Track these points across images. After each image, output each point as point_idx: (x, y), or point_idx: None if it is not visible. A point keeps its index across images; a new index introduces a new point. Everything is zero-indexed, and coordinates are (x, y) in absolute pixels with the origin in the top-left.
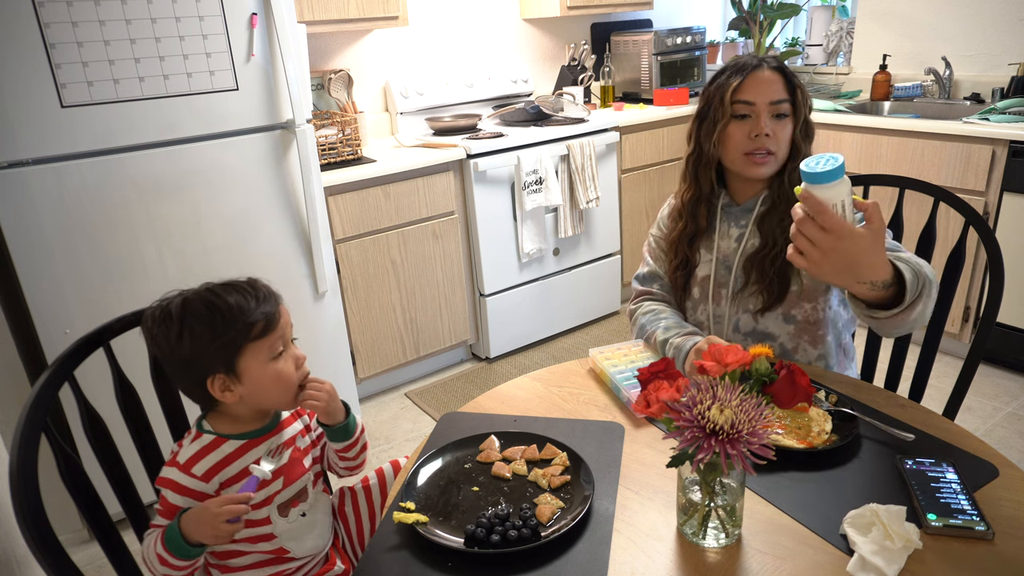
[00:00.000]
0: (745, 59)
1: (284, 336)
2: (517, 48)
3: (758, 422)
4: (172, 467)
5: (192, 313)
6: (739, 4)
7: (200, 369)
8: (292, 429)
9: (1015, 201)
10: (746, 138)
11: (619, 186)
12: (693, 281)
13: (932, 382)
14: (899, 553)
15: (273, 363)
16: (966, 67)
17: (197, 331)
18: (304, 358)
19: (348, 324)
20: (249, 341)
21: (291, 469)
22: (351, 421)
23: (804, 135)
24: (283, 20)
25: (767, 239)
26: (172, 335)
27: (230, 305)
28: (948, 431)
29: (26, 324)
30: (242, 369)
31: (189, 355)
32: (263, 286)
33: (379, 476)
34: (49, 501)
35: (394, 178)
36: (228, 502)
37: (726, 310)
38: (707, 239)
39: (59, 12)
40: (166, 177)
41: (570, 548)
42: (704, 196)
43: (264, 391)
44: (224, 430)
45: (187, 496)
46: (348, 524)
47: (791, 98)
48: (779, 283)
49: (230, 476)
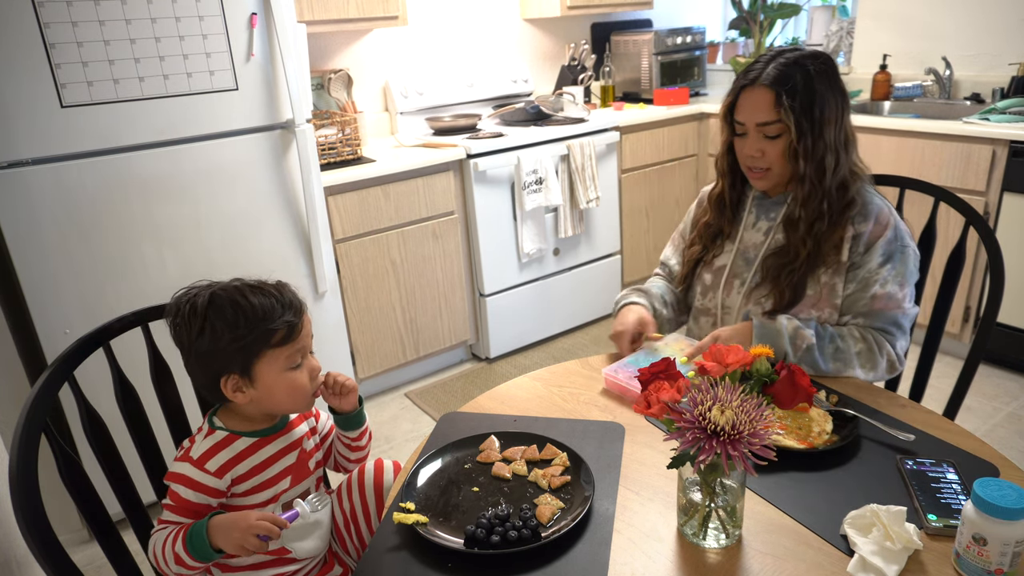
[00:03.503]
0: (751, 67)
1: (304, 347)
2: (517, 48)
3: (759, 423)
4: (185, 462)
5: (217, 310)
6: (739, 4)
7: (216, 367)
8: (299, 430)
9: (1015, 201)
10: (743, 153)
11: (619, 186)
12: (708, 268)
13: (932, 382)
14: (899, 554)
15: (289, 373)
16: (966, 67)
17: (218, 329)
18: (320, 369)
19: (348, 324)
20: (268, 348)
21: (298, 469)
22: (363, 408)
23: (811, 147)
24: (283, 20)
25: (791, 249)
26: (194, 329)
27: (255, 307)
28: (948, 431)
29: (26, 324)
30: (257, 374)
31: (207, 351)
32: (290, 292)
33: (377, 469)
34: (49, 501)
35: (394, 178)
36: (267, 519)
37: (736, 300)
38: (731, 232)
39: (59, 12)
40: (166, 177)
41: (570, 549)
42: (728, 193)
43: (275, 398)
44: (235, 427)
45: (200, 492)
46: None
47: (783, 112)
48: (793, 292)
49: (241, 473)
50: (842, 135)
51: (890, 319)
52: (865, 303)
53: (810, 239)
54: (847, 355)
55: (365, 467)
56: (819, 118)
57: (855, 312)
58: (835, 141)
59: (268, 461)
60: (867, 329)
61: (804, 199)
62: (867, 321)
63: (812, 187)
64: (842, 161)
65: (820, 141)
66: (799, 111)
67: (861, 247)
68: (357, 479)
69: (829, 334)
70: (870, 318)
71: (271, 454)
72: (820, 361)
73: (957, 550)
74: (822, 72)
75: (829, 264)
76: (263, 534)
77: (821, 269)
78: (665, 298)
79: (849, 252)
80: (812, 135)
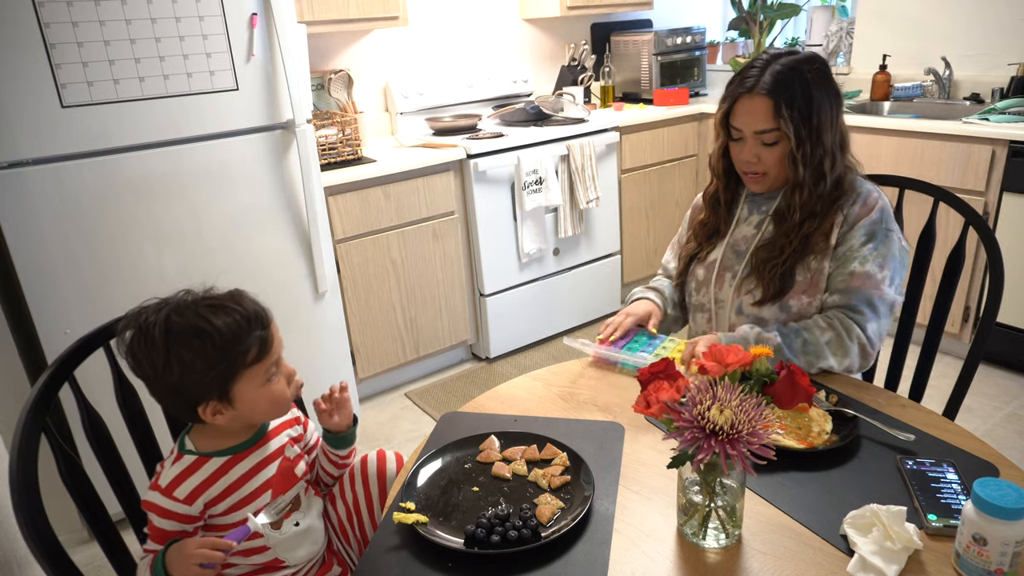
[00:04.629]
0: (747, 74)
1: (278, 356)
2: (517, 48)
3: (758, 422)
4: (155, 491)
5: (179, 339)
6: (739, 4)
7: (190, 396)
8: (278, 441)
9: (1015, 201)
10: (740, 158)
11: (619, 186)
12: (701, 263)
13: (932, 382)
14: (899, 554)
15: (267, 386)
16: (966, 67)
17: (187, 360)
18: (295, 371)
19: (348, 324)
20: (244, 368)
21: (280, 480)
22: (356, 427)
23: (810, 153)
24: (283, 20)
25: (777, 245)
26: (158, 362)
27: (221, 331)
28: (948, 431)
29: (26, 324)
30: (236, 395)
31: (178, 383)
32: (251, 302)
33: (379, 459)
34: (49, 501)
35: (394, 178)
36: (205, 545)
37: (728, 294)
38: (726, 230)
39: (59, 12)
40: (166, 177)
41: (570, 548)
42: (723, 193)
43: (257, 411)
44: (207, 446)
45: (172, 520)
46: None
47: (783, 122)
48: (781, 283)
49: (214, 496)
50: (838, 136)
51: (864, 297)
52: (843, 279)
53: (797, 236)
54: (817, 346)
55: (367, 457)
56: (817, 124)
57: (832, 289)
58: (832, 144)
59: (244, 478)
60: (834, 313)
61: (801, 203)
62: (842, 299)
63: (809, 191)
64: (838, 162)
65: (818, 147)
66: (798, 119)
67: (845, 226)
68: (360, 470)
69: (794, 329)
70: (845, 295)
71: (247, 470)
72: (791, 356)
73: (957, 550)
74: (818, 77)
75: (818, 251)
76: (204, 562)
77: (811, 256)
78: (674, 299)
79: (837, 235)
80: (810, 142)
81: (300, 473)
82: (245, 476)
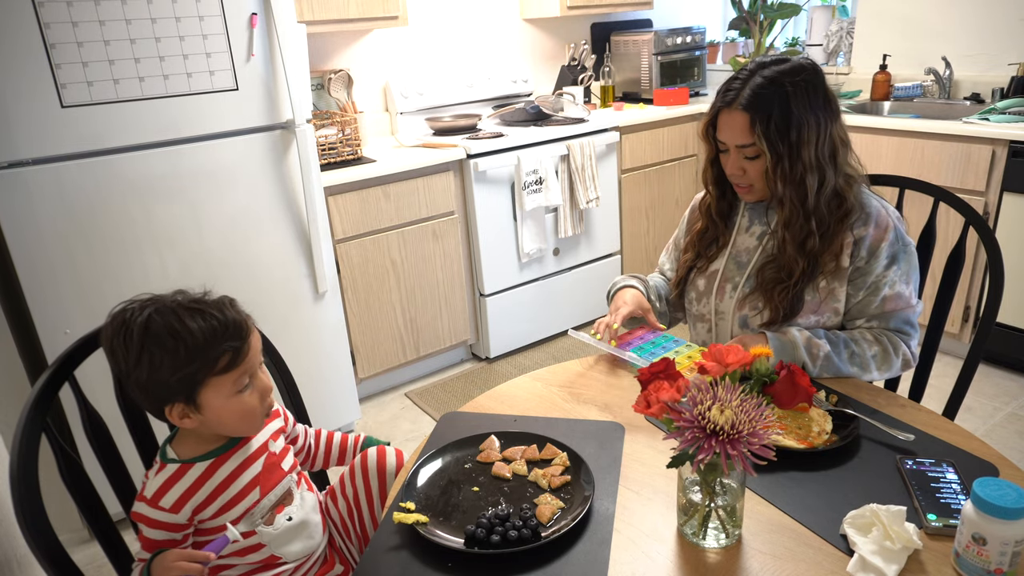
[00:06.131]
0: (731, 85)
1: (251, 368)
2: (517, 48)
3: (758, 422)
4: (141, 502)
5: (154, 338)
6: (739, 4)
7: (158, 395)
8: (260, 439)
9: (1015, 201)
10: (726, 170)
11: (619, 186)
12: (701, 273)
13: (932, 382)
14: (899, 553)
15: (236, 397)
16: (966, 67)
17: (156, 358)
18: (271, 388)
19: (348, 324)
20: (212, 375)
21: (267, 477)
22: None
23: (789, 170)
24: (283, 20)
25: (785, 266)
26: (131, 356)
27: (194, 334)
28: (948, 431)
29: (26, 324)
30: (203, 401)
31: (148, 381)
32: (233, 311)
33: (380, 455)
34: (49, 501)
35: (394, 178)
36: (184, 558)
37: (730, 306)
38: (725, 239)
39: (59, 12)
40: (166, 177)
41: (570, 548)
42: (717, 204)
43: (224, 422)
44: (189, 453)
45: (160, 529)
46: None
47: (758, 139)
48: (790, 306)
49: (200, 501)
50: (826, 149)
51: (903, 319)
52: (877, 306)
53: (803, 258)
54: (863, 359)
55: (368, 453)
56: (796, 140)
57: (868, 316)
58: (816, 159)
59: (229, 479)
60: (881, 331)
61: (786, 221)
62: (881, 324)
63: (793, 208)
64: (828, 177)
65: (798, 163)
66: (775, 135)
67: (864, 252)
68: (360, 465)
69: (842, 339)
70: (884, 320)
71: (231, 471)
72: (841, 366)
73: (957, 550)
74: (801, 90)
75: (827, 271)
76: (182, 574)
77: (820, 277)
78: (660, 292)
79: (851, 258)
80: (789, 158)
81: (287, 467)
82: (230, 477)
